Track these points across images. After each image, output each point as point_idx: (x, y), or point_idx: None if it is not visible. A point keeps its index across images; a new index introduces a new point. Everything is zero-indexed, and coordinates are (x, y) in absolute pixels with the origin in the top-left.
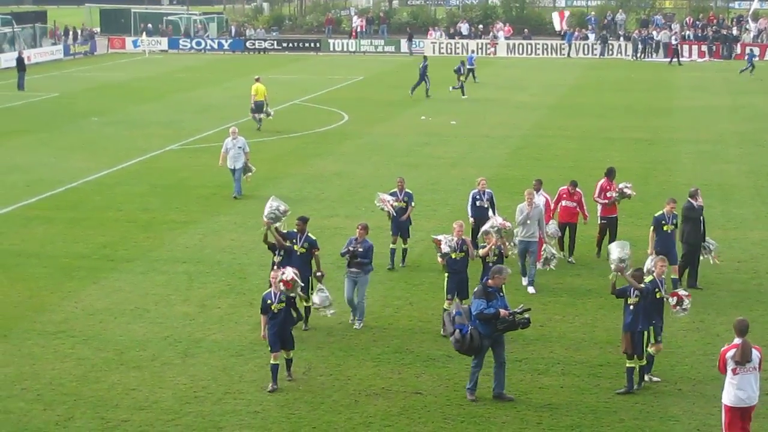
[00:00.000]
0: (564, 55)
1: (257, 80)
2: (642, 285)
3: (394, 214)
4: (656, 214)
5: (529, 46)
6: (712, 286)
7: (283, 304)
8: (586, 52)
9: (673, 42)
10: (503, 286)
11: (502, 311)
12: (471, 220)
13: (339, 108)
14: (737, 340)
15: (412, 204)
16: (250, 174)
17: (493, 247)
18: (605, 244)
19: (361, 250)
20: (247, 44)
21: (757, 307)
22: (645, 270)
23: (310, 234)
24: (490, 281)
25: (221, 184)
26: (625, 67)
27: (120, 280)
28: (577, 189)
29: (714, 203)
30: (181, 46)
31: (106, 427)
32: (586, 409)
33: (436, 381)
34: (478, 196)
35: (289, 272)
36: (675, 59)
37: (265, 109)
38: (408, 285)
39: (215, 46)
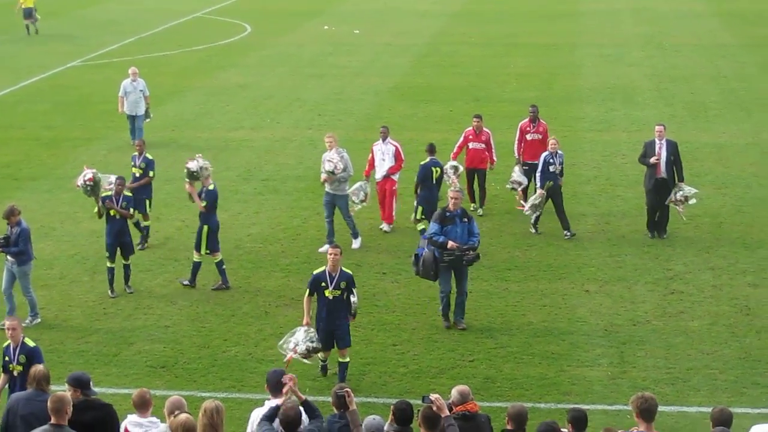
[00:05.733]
0: None
1: None
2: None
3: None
4: None
5: None
6: (618, 188)
7: (21, 367)
8: None
9: None
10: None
11: (451, 243)
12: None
13: (241, 19)
14: None
15: (151, 173)
16: (148, 120)
17: None
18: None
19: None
20: None
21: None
22: None
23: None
24: (451, 206)
25: None
26: None
27: (25, 198)
28: (484, 129)
29: (617, 106)
30: None
31: None
32: (494, 313)
33: None
34: (551, 159)
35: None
36: None
37: (33, 14)
38: (315, 195)
39: None
